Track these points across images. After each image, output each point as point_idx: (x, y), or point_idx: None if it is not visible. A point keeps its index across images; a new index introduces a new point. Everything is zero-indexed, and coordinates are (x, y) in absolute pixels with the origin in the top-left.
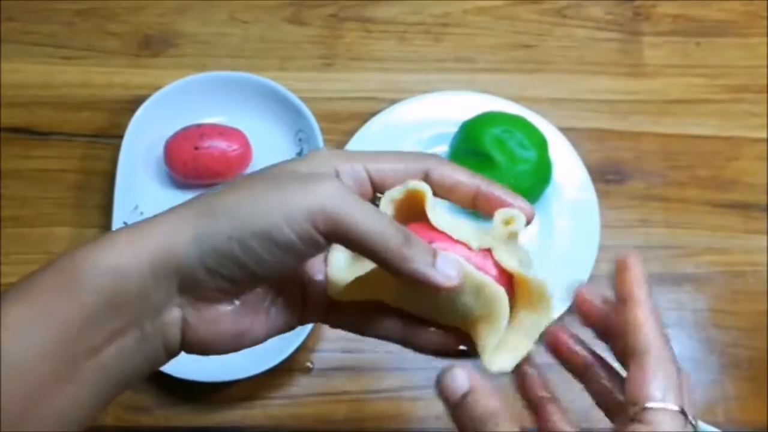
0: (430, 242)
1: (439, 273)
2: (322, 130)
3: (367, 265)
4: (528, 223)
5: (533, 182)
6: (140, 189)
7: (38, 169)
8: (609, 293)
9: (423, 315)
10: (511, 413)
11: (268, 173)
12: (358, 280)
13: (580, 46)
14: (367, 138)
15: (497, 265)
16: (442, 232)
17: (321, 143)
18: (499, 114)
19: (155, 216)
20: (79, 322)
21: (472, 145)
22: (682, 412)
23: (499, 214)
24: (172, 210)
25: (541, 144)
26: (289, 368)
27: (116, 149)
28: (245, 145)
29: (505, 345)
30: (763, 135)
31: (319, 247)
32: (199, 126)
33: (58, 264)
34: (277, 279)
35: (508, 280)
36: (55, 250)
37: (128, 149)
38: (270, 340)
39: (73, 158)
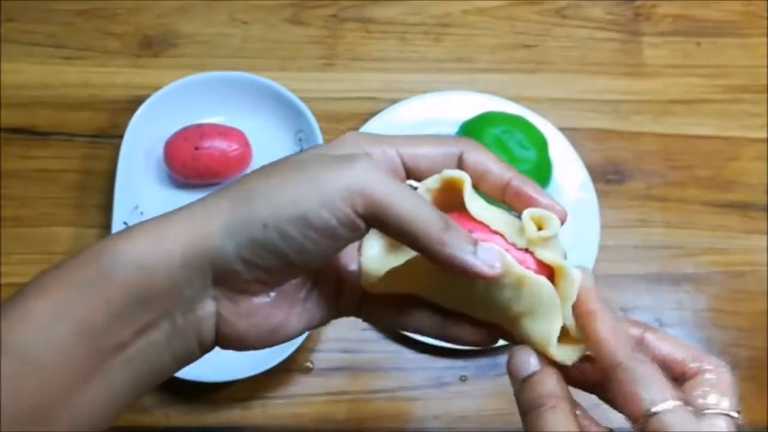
0: (469, 232)
1: (480, 261)
2: (322, 130)
3: (401, 257)
4: (562, 223)
5: None
6: (140, 189)
7: (38, 169)
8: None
9: (458, 309)
10: (570, 400)
11: (297, 158)
12: (393, 272)
13: (580, 46)
14: None
15: (536, 259)
16: (480, 222)
17: (321, 143)
18: (499, 114)
19: (183, 207)
20: (104, 318)
21: None
22: (686, 403)
23: (528, 213)
24: (200, 200)
25: (541, 144)
26: (289, 368)
27: (116, 149)
28: (245, 145)
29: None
30: (763, 135)
31: (358, 231)
32: (199, 126)
33: (83, 257)
34: (315, 268)
35: (548, 273)
36: (56, 250)
37: (128, 149)
38: None
39: (73, 158)
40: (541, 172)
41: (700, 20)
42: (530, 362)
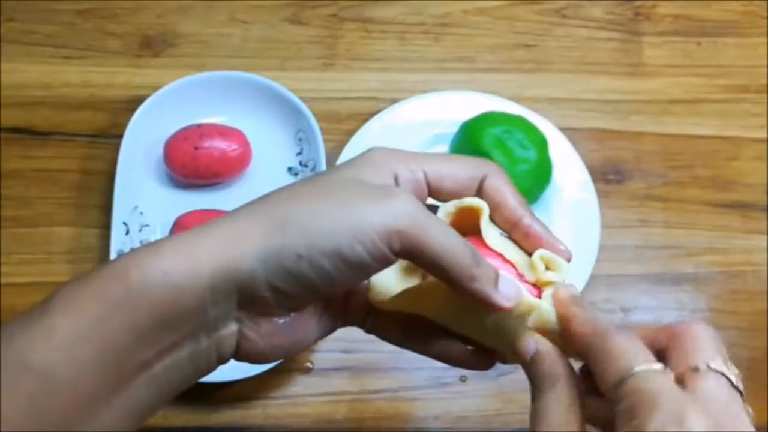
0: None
1: (500, 294)
2: (322, 130)
3: (415, 279)
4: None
5: (533, 182)
6: (140, 189)
7: (38, 169)
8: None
9: (462, 332)
10: (572, 380)
11: (333, 182)
12: (405, 293)
13: (581, 46)
14: (367, 138)
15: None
16: (493, 250)
17: (321, 143)
18: (499, 114)
19: (213, 224)
20: (130, 339)
21: (472, 145)
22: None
23: (539, 254)
24: (232, 218)
25: (541, 144)
26: (289, 368)
27: (116, 149)
28: (245, 145)
29: None
30: (763, 135)
31: (389, 264)
32: (198, 126)
33: (110, 272)
34: (338, 293)
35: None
36: (56, 250)
37: (128, 149)
38: None
39: (73, 158)
40: (541, 172)
41: (701, 20)
42: (531, 346)
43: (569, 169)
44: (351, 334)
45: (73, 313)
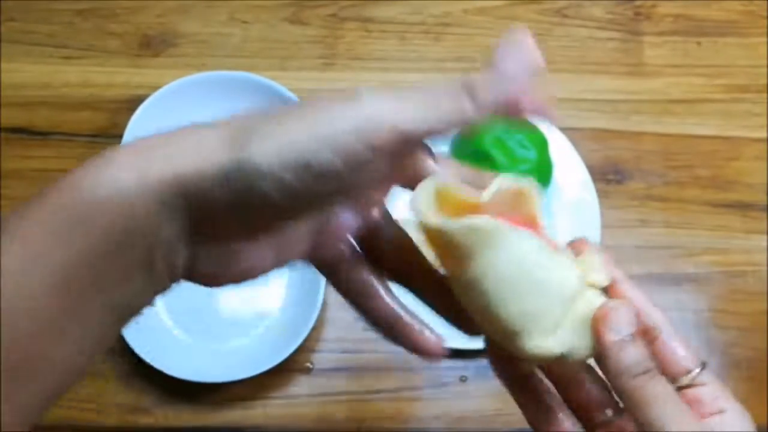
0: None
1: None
2: None
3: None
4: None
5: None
6: None
7: (38, 169)
8: None
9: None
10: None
11: (299, 104)
12: (435, 229)
13: (581, 46)
14: None
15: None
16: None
17: None
18: None
19: (172, 131)
20: (83, 266)
21: (472, 145)
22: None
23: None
24: (192, 129)
25: (541, 144)
26: (289, 368)
27: None
28: None
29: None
30: (764, 135)
31: (361, 167)
32: None
33: (60, 189)
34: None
35: None
36: None
37: None
38: (269, 341)
39: (72, 158)
40: (542, 172)
41: (701, 20)
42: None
43: (569, 169)
44: (351, 335)
45: (23, 241)
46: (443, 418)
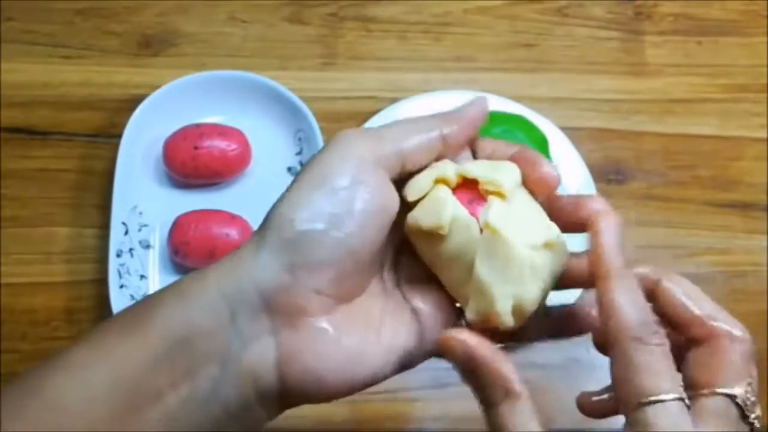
0: None
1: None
2: (322, 130)
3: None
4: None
5: None
6: (139, 189)
7: (37, 169)
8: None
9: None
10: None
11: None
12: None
13: (581, 46)
14: None
15: None
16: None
17: (321, 143)
18: (500, 114)
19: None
20: (140, 364)
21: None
22: (681, 399)
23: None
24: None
25: (541, 143)
26: None
27: (115, 149)
28: (245, 145)
29: None
30: (764, 135)
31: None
32: (198, 126)
33: (131, 307)
34: (367, 252)
35: None
36: (54, 250)
37: (127, 149)
38: None
39: (72, 158)
40: None
41: (701, 19)
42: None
43: (570, 169)
44: None
45: (89, 342)
46: (443, 419)
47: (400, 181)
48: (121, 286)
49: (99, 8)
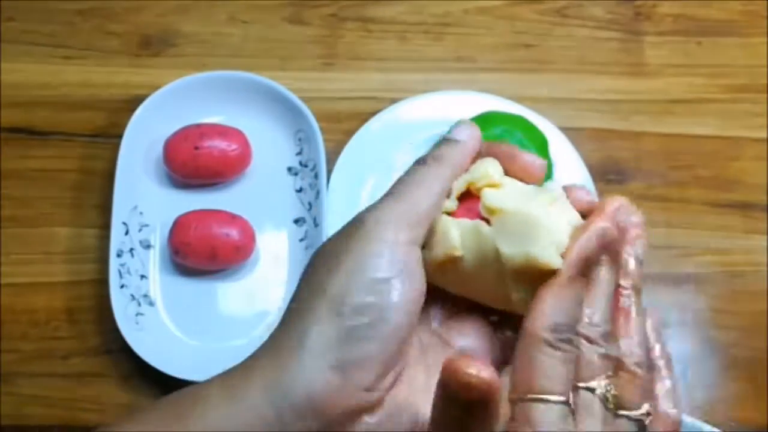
0: None
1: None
2: (322, 130)
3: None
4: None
5: None
6: (139, 189)
7: (37, 169)
8: None
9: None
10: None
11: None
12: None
13: (581, 46)
14: (367, 138)
15: None
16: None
17: (321, 143)
18: (499, 114)
19: (246, 360)
20: None
21: None
22: (566, 402)
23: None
24: (256, 351)
25: (541, 144)
26: None
27: (115, 149)
28: (245, 145)
29: None
30: (764, 135)
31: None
32: (198, 126)
33: (173, 397)
34: (403, 333)
35: None
36: (54, 250)
37: (127, 149)
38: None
39: (72, 158)
40: None
41: (701, 20)
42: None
43: (570, 169)
44: None
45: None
46: None
47: None
48: (122, 286)
49: (99, 8)
